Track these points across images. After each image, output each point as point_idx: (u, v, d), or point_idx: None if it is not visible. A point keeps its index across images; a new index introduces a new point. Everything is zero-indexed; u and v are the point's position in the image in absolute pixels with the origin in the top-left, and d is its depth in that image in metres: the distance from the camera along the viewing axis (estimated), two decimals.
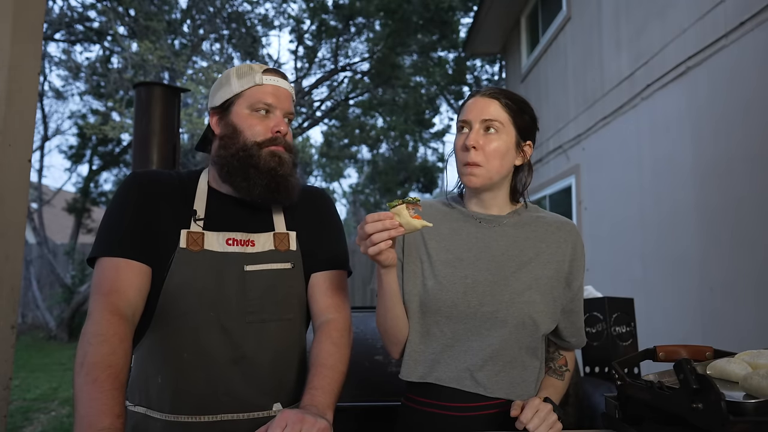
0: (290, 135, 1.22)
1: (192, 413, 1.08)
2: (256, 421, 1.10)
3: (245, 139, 1.15)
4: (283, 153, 1.17)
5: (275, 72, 1.21)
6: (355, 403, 1.87)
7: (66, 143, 14.51)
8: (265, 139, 1.16)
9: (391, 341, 1.23)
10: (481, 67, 13.45)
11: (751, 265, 2.84)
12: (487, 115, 1.15)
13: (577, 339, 1.27)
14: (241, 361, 1.12)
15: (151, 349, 1.12)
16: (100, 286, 1.04)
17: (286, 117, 1.20)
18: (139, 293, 1.07)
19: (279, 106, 1.18)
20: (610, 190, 4.57)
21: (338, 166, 16.56)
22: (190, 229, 1.13)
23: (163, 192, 1.16)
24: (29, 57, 1.55)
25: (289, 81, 1.25)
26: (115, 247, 1.08)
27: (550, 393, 1.18)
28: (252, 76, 1.19)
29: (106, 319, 0.99)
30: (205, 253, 1.12)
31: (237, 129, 1.16)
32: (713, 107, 3.21)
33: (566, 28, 5.56)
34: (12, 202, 1.49)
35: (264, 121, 1.17)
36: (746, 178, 2.90)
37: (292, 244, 1.21)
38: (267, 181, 1.14)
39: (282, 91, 1.19)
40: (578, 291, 1.22)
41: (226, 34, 10.90)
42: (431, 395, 1.19)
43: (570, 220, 1.27)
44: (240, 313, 1.13)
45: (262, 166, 1.14)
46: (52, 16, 9.38)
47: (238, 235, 1.17)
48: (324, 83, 12.78)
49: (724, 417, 0.76)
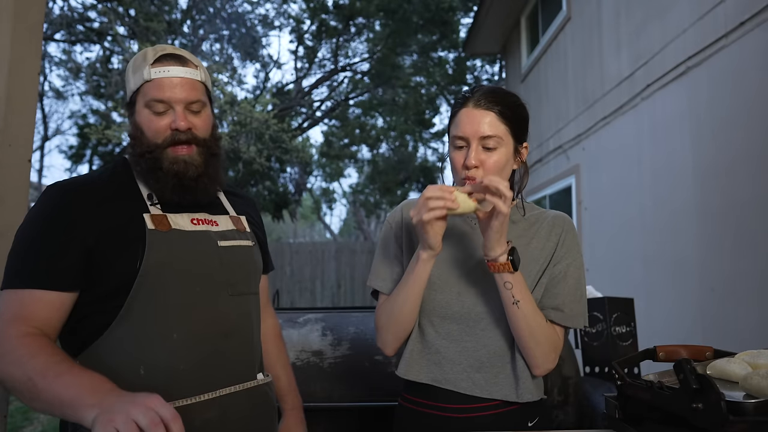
0: (200, 123, 1.13)
1: (190, 394, 1.05)
2: (249, 392, 1.14)
3: (147, 140, 1.10)
4: (188, 155, 1.10)
5: (167, 59, 1.10)
6: (354, 403, 1.87)
7: (66, 143, 14.55)
8: (165, 138, 1.09)
9: (393, 335, 1.18)
10: (481, 67, 13.45)
11: (751, 265, 2.84)
12: (485, 131, 1.11)
13: (559, 313, 1.16)
14: (230, 333, 1.13)
15: (122, 344, 1.03)
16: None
17: (188, 108, 1.11)
18: (50, 323, 1.00)
19: (175, 99, 1.09)
20: (610, 190, 4.56)
21: (338, 166, 16.56)
22: (152, 213, 1.09)
23: (89, 196, 1.08)
24: (29, 57, 1.55)
25: (189, 62, 1.13)
26: (34, 279, 1.00)
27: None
28: (142, 71, 1.10)
29: (22, 339, 0.93)
30: (175, 232, 1.09)
31: (140, 129, 1.11)
32: (713, 107, 3.21)
33: (566, 28, 5.56)
34: (12, 202, 1.49)
35: (162, 119, 1.09)
36: (746, 178, 2.90)
37: (246, 226, 1.26)
38: (173, 184, 1.10)
39: (176, 82, 1.09)
40: (560, 273, 1.16)
41: (226, 35, 10.91)
42: (428, 396, 1.18)
43: (565, 213, 1.25)
44: (222, 287, 1.13)
45: (166, 170, 1.09)
46: (52, 16, 9.38)
47: (202, 216, 1.16)
48: (324, 83, 12.79)
49: (724, 417, 0.76)
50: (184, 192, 1.11)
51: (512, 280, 1.07)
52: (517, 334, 1.12)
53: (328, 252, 10.91)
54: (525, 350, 1.13)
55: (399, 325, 1.17)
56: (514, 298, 1.08)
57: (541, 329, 1.12)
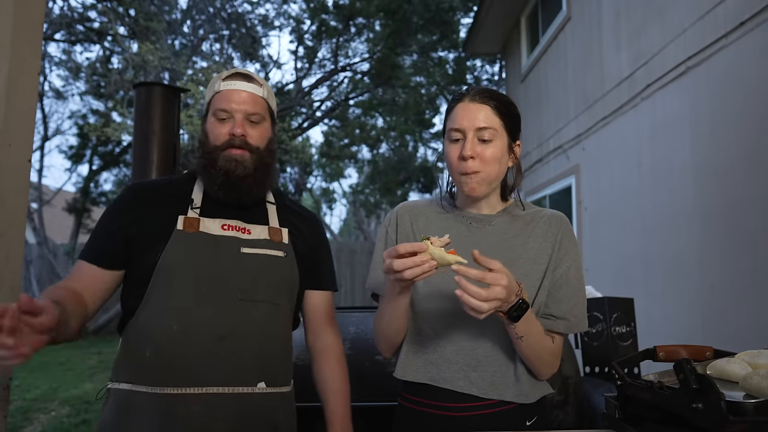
0: (256, 134, 1.28)
1: (178, 385, 1.15)
2: (241, 396, 1.19)
3: (209, 143, 1.27)
4: (240, 156, 1.25)
5: (236, 76, 1.29)
6: (354, 403, 1.86)
7: (66, 143, 14.54)
8: (223, 142, 1.25)
9: (386, 344, 1.24)
10: (481, 67, 13.45)
11: (751, 265, 2.84)
12: (480, 123, 1.13)
13: (565, 323, 1.17)
14: (227, 337, 1.18)
15: (143, 326, 1.19)
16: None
17: (247, 118, 1.27)
18: (91, 289, 1.19)
19: (237, 109, 1.26)
20: (610, 191, 4.56)
21: (338, 166, 16.54)
22: (187, 215, 1.24)
23: (150, 195, 1.29)
24: (29, 57, 1.55)
25: (255, 80, 1.31)
26: (85, 253, 1.24)
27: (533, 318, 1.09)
28: (214, 85, 1.30)
29: (55, 287, 1.15)
30: (199, 234, 1.22)
31: (207, 135, 1.29)
32: (713, 107, 3.21)
33: (566, 28, 5.56)
34: (12, 202, 1.49)
35: (224, 125, 1.26)
36: (746, 178, 2.90)
37: (284, 238, 1.31)
38: (222, 179, 1.24)
39: (240, 95, 1.26)
40: (562, 277, 1.17)
41: (226, 35, 10.91)
42: (427, 395, 1.19)
43: (561, 212, 1.26)
44: (233, 291, 1.21)
45: (219, 167, 1.24)
46: (52, 16, 9.37)
47: (234, 222, 1.27)
48: (324, 83, 12.79)
49: (724, 417, 0.76)
50: (230, 189, 1.25)
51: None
52: (523, 357, 1.14)
53: None
54: (530, 366, 1.16)
55: (389, 338, 1.22)
56: (518, 335, 1.08)
57: (547, 351, 1.14)
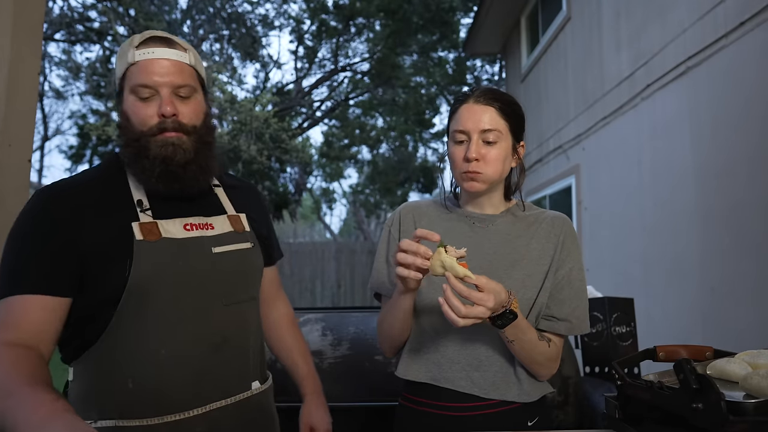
0: (189, 110, 1.05)
1: (178, 410, 1.01)
2: (240, 404, 1.11)
3: (134, 128, 1.03)
4: (177, 138, 1.02)
5: (153, 41, 1.03)
6: (354, 403, 1.87)
7: (66, 143, 14.55)
8: (152, 126, 1.02)
9: (389, 344, 1.25)
10: (481, 67, 13.46)
11: (751, 265, 2.84)
12: (485, 125, 1.13)
13: (567, 325, 1.17)
14: (221, 346, 1.07)
15: (112, 355, 1.00)
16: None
17: (175, 93, 1.03)
18: (43, 327, 0.95)
19: (161, 83, 1.01)
20: (610, 190, 4.56)
21: (338, 166, 16.55)
22: (141, 221, 1.02)
23: (83, 201, 1.02)
24: (29, 57, 1.55)
25: (177, 44, 1.06)
26: (27, 285, 0.95)
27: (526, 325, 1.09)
28: (126, 54, 1.03)
29: (0, 349, 0.88)
30: (164, 241, 1.02)
31: (127, 116, 1.04)
32: (713, 107, 3.21)
33: (566, 29, 5.56)
34: (12, 202, 1.49)
35: (148, 105, 1.02)
36: (746, 178, 2.90)
37: (245, 225, 1.18)
38: (160, 170, 1.02)
39: (161, 64, 1.01)
40: (564, 278, 1.18)
41: (226, 35, 10.91)
42: (428, 395, 1.19)
43: (564, 214, 1.26)
44: (216, 296, 1.08)
45: (152, 156, 1.01)
46: (52, 16, 9.38)
47: (195, 220, 1.09)
48: (324, 83, 12.80)
49: (724, 417, 0.76)
50: (170, 179, 1.03)
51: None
52: (518, 359, 1.15)
53: (328, 252, 10.91)
54: (526, 367, 1.17)
55: (392, 338, 1.22)
56: (508, 338, 1.09)
57: (541, 354, 1.13)
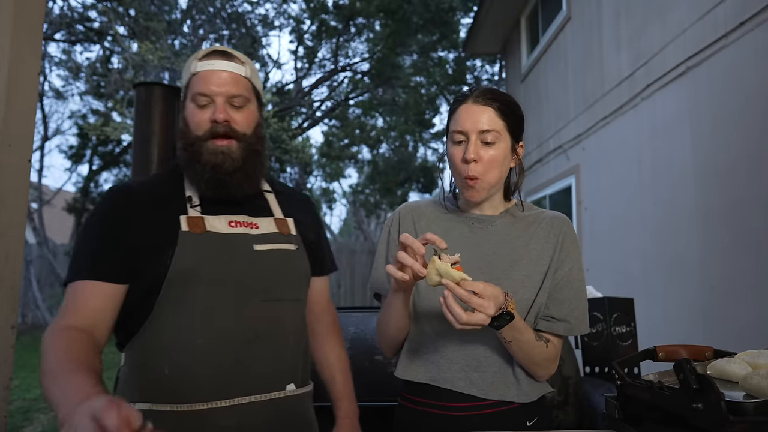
0: (242, 118, 1.13)
1: (207, 399, 1.05)
2: (273, 403, 1.11)
3: (190, 133, 1.12)
4: (227, 147, 1.11)
5: (214, 54, 1.13)
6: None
7: (66, 143, 14.54)
8: (205, 131, 1.11)
9: (387, 343, 1.25)
10: (481, 67, 13.45)
11: (751, 265, 2.84)
12: (483, 125, 1.13)
13: (566, 325, 1.17)
14: (256, 341, 1.10)
15: (153, 342, 1.08)
16: (60, 310, 1.03)
17: (229, 102, 1.11)
18: (100, 313, 1.04)
19: (218, 92, 1.10)
20: (610, 190, 4.56)
21: (338, 166, 16.53)
22: (189, 215, 1.10)
23: (142, 198, 1.13)
24: (29, 57, 1.55)
25: (236, 57, 1.15)
26: (87, 271, 1.05)
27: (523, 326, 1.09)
28: (189, 66, 1.14)
29: (59, 333, 0.97)
30: (208, 235, 1.09)
31: (186, 122, 1.14)
32: (713, 107, 3.21)
33: (566, 28, 5.56)
34: (12, 202, 1.49)
35: (204, 112, 1.11)
36: (746, 178, 2.90)
37: (292, 229, 1.22)
38: (208, 177, 1.11)
39: (219, 75, 1.11)
40: (563, 279, 1.17)
41: (226, 35, 10.91)
42: (427, 395, 1.19)
43: (563, 214, 1.26)
44: (254, 292, 1.11)
45: (204, 162, 1.10)
46: (52, 16, 9.38)
47: (241, 218, 1.15)
48: (324, 83, 12.80)
49: (724, 417, 0.76)
50: (218, 186, 1.11)
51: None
52: (516, 359, 1.15)
53: None
54: (525, 368, 1.16)
55: (391, 337, 1.23)
56: (505, 339, 1.09)
57: (539, 354, 1.13)
